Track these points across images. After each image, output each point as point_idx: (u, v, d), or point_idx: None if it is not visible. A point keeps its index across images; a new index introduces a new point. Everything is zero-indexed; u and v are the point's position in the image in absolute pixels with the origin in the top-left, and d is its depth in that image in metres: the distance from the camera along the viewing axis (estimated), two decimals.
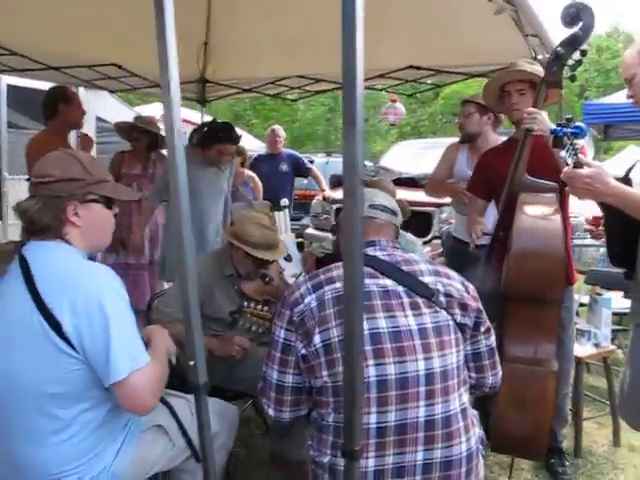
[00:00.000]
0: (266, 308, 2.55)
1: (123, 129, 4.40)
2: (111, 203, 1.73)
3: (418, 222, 5.47)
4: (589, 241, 8.26)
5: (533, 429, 2.12)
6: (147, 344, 1.72)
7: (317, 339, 1.60)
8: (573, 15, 2.18)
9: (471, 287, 1.77)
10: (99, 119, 6.79)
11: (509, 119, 2.71)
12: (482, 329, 1.75)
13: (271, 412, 1.73)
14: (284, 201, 5.96)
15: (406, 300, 1.65)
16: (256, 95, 5.91)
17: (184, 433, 1.83)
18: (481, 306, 1.75)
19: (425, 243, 5.33)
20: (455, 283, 1.73)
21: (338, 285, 1.66)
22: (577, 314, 4.11)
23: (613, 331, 3.72)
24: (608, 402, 3.24)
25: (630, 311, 2.09)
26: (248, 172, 5.66)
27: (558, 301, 2.20)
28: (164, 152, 4.48)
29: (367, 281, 1.65)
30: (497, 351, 1.82)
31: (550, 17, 2.90)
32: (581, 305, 4.21)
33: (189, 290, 1.30)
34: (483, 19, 2.90)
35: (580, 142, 1.88)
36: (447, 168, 3.70)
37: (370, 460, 1.54)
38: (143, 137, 4.26)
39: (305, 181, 7.52)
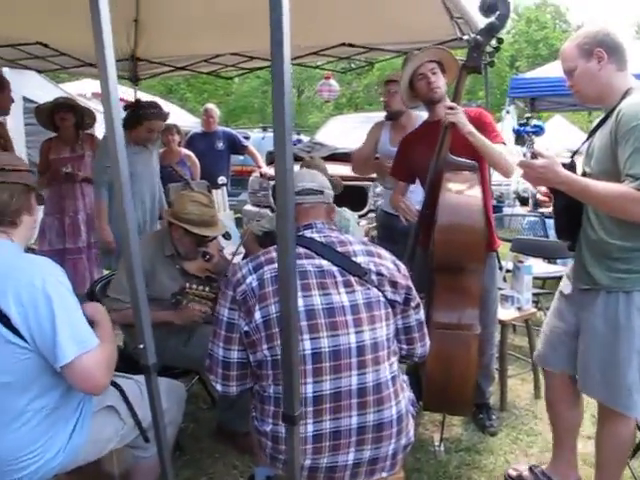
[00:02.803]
0: (207, 288, 2.63)
1: (43, 112, 4.29)
2: (41, 199, 1.83)
3: (353, 196, 5.62)
4: (518, 209, 8.69)
5: (459, 388, 2.31)
6: (91, 324, 1.77)
7: (257, 315, 1.71)
8: (490, 5, 2.33)
9: (402, 266, 1.91)
10: (26, 99, 6.52)
11: (428, 102, 2.82)
12: (412, 304, 1.89)
13: (219, 387, 1.83)
14: (221, 179, 5.98)
15: (340, 279, 1.77)
16: (189, 73, 5.86)
17: (133, 415, 1.92)
18: (411, 284, 1.89)
19: (361, 217, 5.49)
20: (386, 262, 1.86)
21: (277, 265, 1.77)
22: (504, 280, 4.39)
23: (536, 294, 4.00)
24: (530, 360, 3.52)
25: (573, 278, 2.28)
26: (185, 151, 5.63)
27: (480, 270, 2.39)
28: (90, 132, 4.44)
29: (304, 261, 1.77)
30: (425, 320, 1.98)
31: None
32: (507, 271, 4.49)
33: (135, 275, 1.37)
34: None
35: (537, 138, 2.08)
36: (371, 146, 3.83)
37: (309, 426, 1.67)
38: (69, 116, 4.20)
39: (242, 157, 7.52)
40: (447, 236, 2.34)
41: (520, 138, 1.97)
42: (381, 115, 4.07)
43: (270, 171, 6.40)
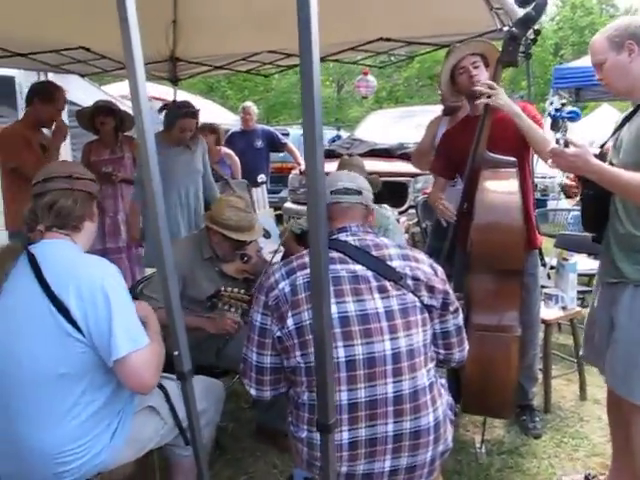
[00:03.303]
0: (243, 290, 2.64)
1: (84, 116, 4.39)
2: (100, 207, 1.88)
3: (394, 192, 5.57)
4: (563, 202, 8.42)
5: (499, 391, 2.25)
6: (144, 324, 1.83)
7: (290, 322, 1.70)
8: None
9: (440, 270, 1.86)
10: (70, 102, 6.65)
11: (469, 97, 2.74)
12: (451, 309, 1.84)
13: (253, 392, 1.84)
14: (261, 177, 6.01)
15: (374, 284, 1.74)
16: (228, 72, 5.91)
17: (175, 417, 1.95)
18: (449, 288, 1.85)
19: (401, 213, 5.43)
20: (423, 266, 1.81)
21: (309, 271, 1.75)
22: (548, 277, 4.27)
23: (581, 292, 3.88)
24: (575, 360, 3.42)
25: (599, 272, 2.26)
26: (225, 149, 5.67)
27: (519, 270, 2.32)
28: (130, 134, 4.50)
29: (337, 266, 1.75)
30: (464, 322, 1.94)
31: None
32: (552, 268, 4.37)
33: (169, 281, 1.38)
34: None
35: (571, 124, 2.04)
36: (430, 141, 3.78)
37: (344, 433, 1.66)
38: (108, 120, 4.28)
39: (281, 154, 7.55)
40: (484, 236, 2.28)
41: (555, 124, 1.90)
42: (421, 109, 4.01)
43: None
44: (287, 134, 9.17)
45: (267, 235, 3.76)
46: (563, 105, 1.79)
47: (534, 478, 2.58)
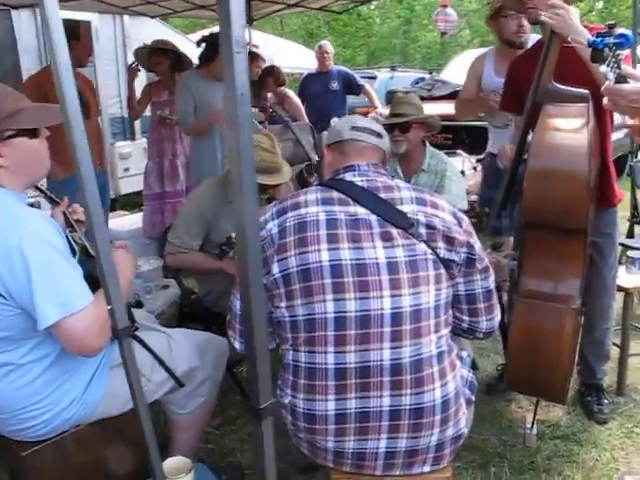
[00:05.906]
0: None
1: (142, 55, 4.31)
2: (36, 132, 1.57)
3: (473, 137, 5.08)
4: None
5: (547, 370, 1.88)
6: None
7: (275, 268, 1.48)
8: None
9: (466, 221, 1.56)
10: None
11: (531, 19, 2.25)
12: (478, 267, 1.56)
13: (237, 345, 1.65)
14: (334, 121, 5.70)
15: (377, 230, 1.48)
16: (302, 10, 5.64)
17: (161, 363, 1.80)
18: (475, 241, 1.55)
19: (479, 161, 4.94)
20: (443, 214, 1.52)
21: (302, 211, 1.52)
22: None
23: None
24: None
25: None
26: (287, 91, 5.41)
27: (582, 230, 1.88)
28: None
29: (335, 208, 1.51)
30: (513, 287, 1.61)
31: None
32: None
33: (99, 232, 1.17)
34: None
35: (624, 52, 1.53)
36: (475, 84, 3.26)
37: (330, 403, 1.45)
38: (163, 60, 4.20)
39: (366, 99, 7.16)
40: (539, 185, 1.85)
41: (598, 53, 1.37)
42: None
43: (386, 112, 6.00)
44: (374, 77, 8.72)
45: None
46: (611, 27, 1.32)
47: (589, 472, 2.19)
